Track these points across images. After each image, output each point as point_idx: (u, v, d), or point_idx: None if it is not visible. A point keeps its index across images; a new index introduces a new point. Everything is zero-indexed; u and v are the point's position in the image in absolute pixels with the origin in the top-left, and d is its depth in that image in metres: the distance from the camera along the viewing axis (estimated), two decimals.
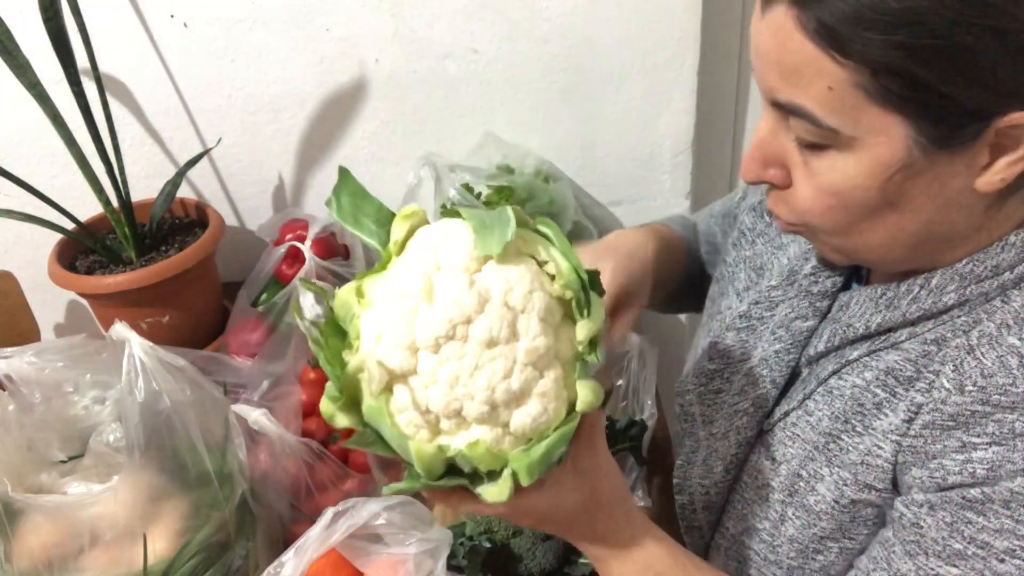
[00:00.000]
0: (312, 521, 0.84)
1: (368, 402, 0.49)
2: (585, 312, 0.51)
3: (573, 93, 1.23)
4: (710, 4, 1.18)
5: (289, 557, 0.72)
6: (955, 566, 0.54)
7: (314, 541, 0.72)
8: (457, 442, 0.50)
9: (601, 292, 0.54)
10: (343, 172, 0.58)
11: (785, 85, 0.54)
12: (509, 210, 0.50)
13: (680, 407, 0.80)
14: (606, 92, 1.23)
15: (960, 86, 0.50)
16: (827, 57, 0.51)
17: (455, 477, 0.51)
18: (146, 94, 1.22)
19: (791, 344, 0.70)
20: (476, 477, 0.51)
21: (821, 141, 0.55)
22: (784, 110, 0.56)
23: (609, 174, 1.30)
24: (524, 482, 0.49)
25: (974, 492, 0.53)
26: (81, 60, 1.03)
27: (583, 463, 0.58)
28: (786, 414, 0.68)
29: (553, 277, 0.51)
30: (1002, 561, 0.52)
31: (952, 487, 0.55)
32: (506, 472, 0.50)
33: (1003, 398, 0.53)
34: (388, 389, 0.50)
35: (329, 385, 0.50)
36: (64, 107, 1.04)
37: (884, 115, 0.52)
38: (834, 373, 0.65)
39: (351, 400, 0.50)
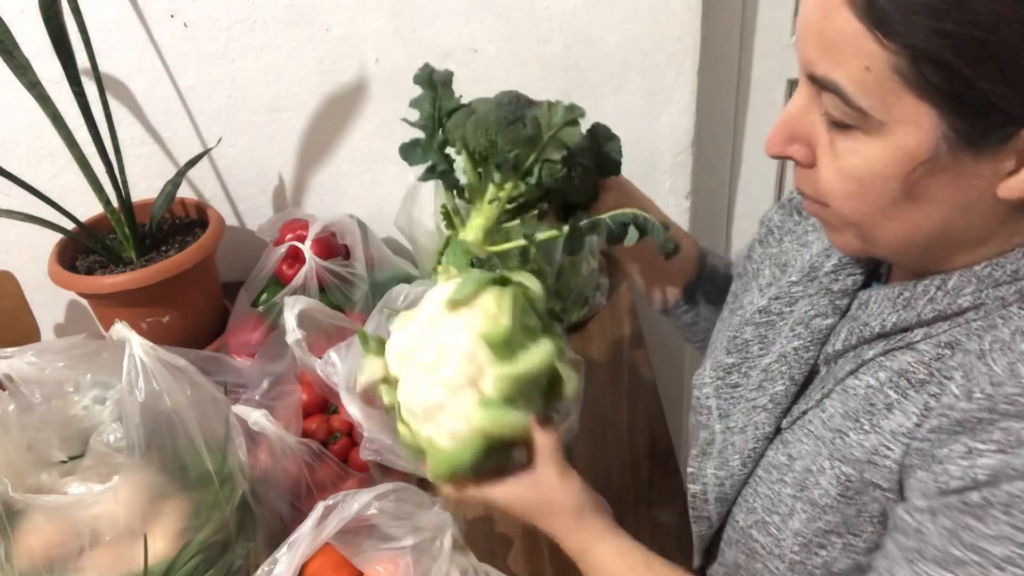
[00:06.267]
0: None
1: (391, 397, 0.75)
2: (504, 356, 0.68)
3: (573, 93, 1.23)
4: (710, 4, 1.18)
5: (283, 554, 0.72)
6: (952, 573, 0.53)
7: (306, 536, 0.72)
8: (423, 431, 0.71)
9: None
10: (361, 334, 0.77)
11: (823, 58, 0.54)
12: (476, 275, 0.71)
13: (696, 399, 0.81)
14: (606, 92, 1.23)
15: (997, 84, 0.49)
16: (870, 36, 0.51)
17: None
18: (146, 94, 1.22)
19: (810, 342, 0.69)
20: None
21: (849, 121, 0.55)
22: (818, 84, 0.55)
23: None
24: (433, 474, 0.70)
25: (974, 496, 0.53)
26: (81, 60, 1.03)
27: (541, 475, 0.70)
28: (804, 413, 0.68)
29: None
30: (1000, 569, 0.52)
31: (953, 491, 0.54)
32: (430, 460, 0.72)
33: (1011, 407, 0.52)
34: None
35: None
36: (64, 107, 1.04)
37: (917, 104, 0.51)
38: (851, 373, 0.65)
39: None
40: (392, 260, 1.21)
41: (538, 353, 0.69)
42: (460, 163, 0.86)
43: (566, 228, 0.82)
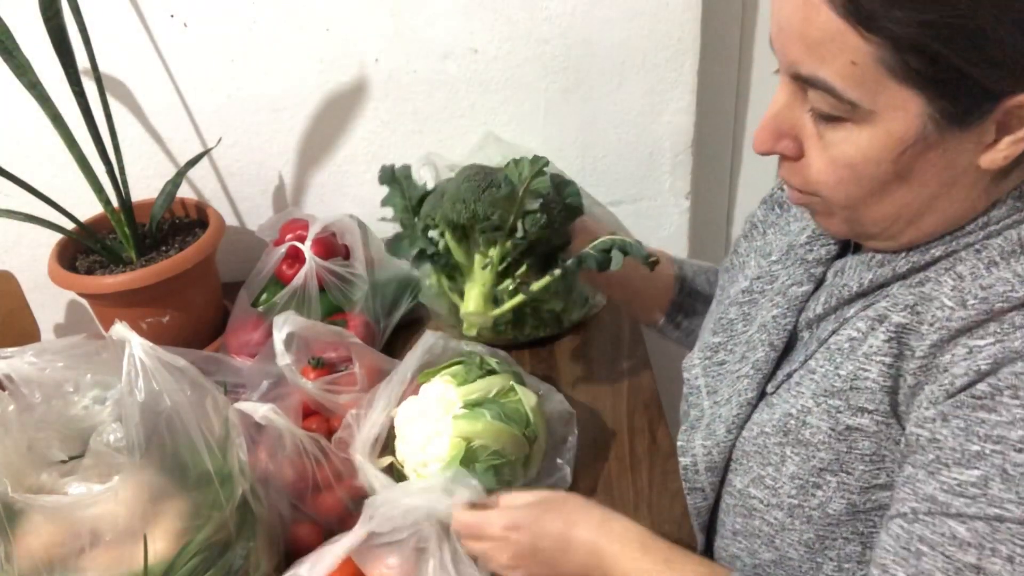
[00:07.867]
0: (313, 521, 0.84)
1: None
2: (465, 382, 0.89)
3: (573, 93, 1.23)
4: (710, 4, 1.18)
5: (305, 567, 0.73)
6: (976, 468, 0.53)
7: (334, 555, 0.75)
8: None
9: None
10: None
11: (808, 58, 0.56)
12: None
13: (686, 380, 0.83)
14: (606, 92, 1.23)
15: (978, 65, 0.51)
16: (853, 32, 0.52)
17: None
18: (146, 94, 1.22)
19: (787, 308, 0.72)
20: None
21: (839, 114, 0.57)
22: (804, 83, 0.57)
23: (609, 174, 1.30)
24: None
25: (981, 388, 0.54)
26: (81, 60, 1.03)
27: (549, 503, 0.74)
28: (789, 376, 0.70)
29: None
30: (1020, 451, 0.52)
31: (960, 389, 0.55)
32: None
33: (1005, 303, 0.55)
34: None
35: None
36: (64, 107, 1.04)
37: (903, 91, 0.53)
38: (834, 332, 0.67)
39: None
40: (392, 260, 1.21)
41: (494, 378, 0.88)
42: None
43: (558, 271, 0.89)
